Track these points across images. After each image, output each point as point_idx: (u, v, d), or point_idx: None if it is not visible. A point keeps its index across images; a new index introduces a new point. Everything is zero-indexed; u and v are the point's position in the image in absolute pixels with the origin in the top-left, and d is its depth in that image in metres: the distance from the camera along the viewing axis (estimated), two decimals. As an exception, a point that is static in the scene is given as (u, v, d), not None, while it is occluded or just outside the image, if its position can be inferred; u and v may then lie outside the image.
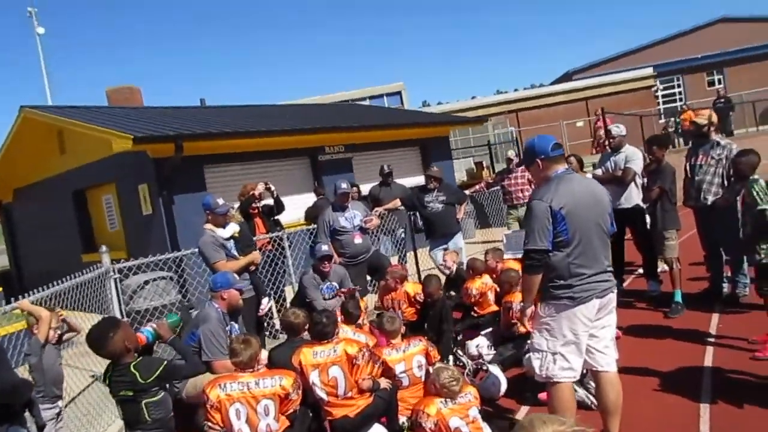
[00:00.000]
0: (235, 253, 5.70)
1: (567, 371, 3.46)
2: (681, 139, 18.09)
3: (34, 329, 4.14)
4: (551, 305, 3.46)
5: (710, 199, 6.05)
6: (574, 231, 3.35)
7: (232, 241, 5.70)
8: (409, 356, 4.39)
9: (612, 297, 3.56)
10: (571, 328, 3.41)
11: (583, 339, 3.46)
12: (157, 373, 3.20)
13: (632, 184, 6.82)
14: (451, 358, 5.39)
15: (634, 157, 6.86)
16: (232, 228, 5.72)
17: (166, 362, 3.30)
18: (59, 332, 4.28)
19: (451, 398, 3.65)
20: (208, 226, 5.66)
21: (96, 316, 5.55)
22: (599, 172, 7.20)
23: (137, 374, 3.15)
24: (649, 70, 28.49)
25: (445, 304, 5.57)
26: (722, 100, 18.76)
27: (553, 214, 3.33)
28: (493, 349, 5.38)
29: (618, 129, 7.18)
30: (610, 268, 3.58)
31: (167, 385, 4.35)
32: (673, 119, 6.69)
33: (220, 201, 5.64)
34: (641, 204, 6.78)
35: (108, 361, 3.42)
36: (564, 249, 3.37)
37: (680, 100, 32.43)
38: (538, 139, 3.66)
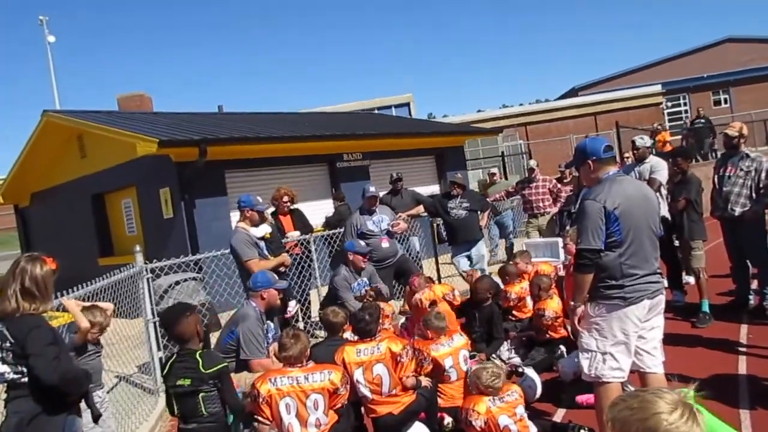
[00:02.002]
0: (267, 254, 5.75)
1: (616, 371, 3.47)
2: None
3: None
4: (602, 305, 3.48)
5: (738, 210, 6.08)
6: (627, 231, 3.38)
7: (263, 241, 5.75)
8: (455, 350, 4.45)
9: (662, 298, 3.59)
10: (621, 328, 3.44)
11: (633, 339, 3.49)
12: (218, 367, 3.20)
13: (657, 194, 6.87)
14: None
15: (658, 167, 6.92)
16: (264, 229, 5.79)
17: (227, 365, 3.31)
18: (98, 336, 4.27)
19: (496, 395, 3.69)
20: (242, 224, 5.72)
21: (126, 321, 5.62)
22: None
23: (201, 362, 3.16)
24: (658, 87, 28.67)
25: (495, 308, 5.59)
26: (702, 120, 18.72)
27: (607, 215, 3.35)
28: (513, 352, 5.41)
29: (642, 140, 7.25)
30: (660, 270, 3.61)
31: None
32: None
33: (260, 199, 5.70)
34: (666, 215, 6.83)
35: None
36: (616, 249, 3.40)
37: (686, 118, 32.65)
38: (590, 141, 3.71)
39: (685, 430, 1.43)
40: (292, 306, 6.26)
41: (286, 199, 7.16)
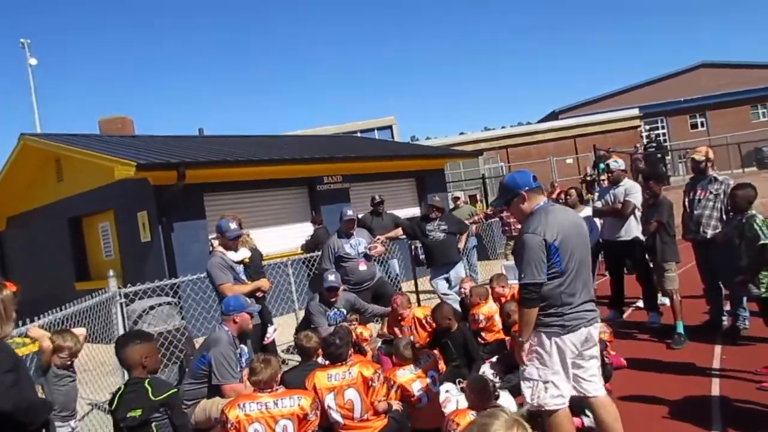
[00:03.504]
0: (244, 278, 5.71)
1: (557, 398, 3.49)
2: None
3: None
4: (542, 333, 3.50)
5: (709, 232, 6.18)
6: (566, 261, 3.42)
7: (241, 266, 5.71)
8: (422, 374, 4.46)
9: (597, 326, 3.65)
10: (560, 356, 3.47)
11: (570, 366, 3.52)
12: (168, 394, 3.14)
13: (632, 216, 6.98)
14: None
15: (633, 190, 7.03)
16: (243, 253, 5.75)
17: (176, 391, 3.24)
18: (68, 361, 4.19)
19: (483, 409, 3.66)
20: (220, 248, 5.69)
21: (101, 346, 5.53)
22: (599, 204, 7.35)
23: (149, 390, 3.10)
24: (635, 111, 29.23)
25: (467, 332, 5.57)
26: (653, 144, 18.99)
27: (548, 247, 3.38)
28: (498, 377, 5.39)
29: (617, 164, 7.38)
30: (594, 298, 3.65)
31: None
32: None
33: (233, 225, 5.66)
34: (640, 236, 6.92)
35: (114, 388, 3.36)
36: (557, 279, 3.43)
37: (665, 141, 33.25)
38: (518, 174, 3.73)
39: None
40: (270, 332, 6.21)
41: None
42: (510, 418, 1.83)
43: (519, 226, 9.32)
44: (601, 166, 17.24)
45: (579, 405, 3.91)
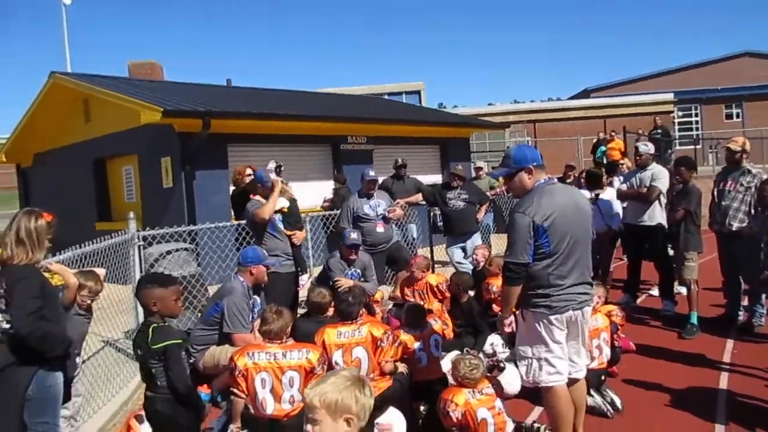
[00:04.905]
0: (281, 226, 5.79)
1: (554, 375, 3.52)
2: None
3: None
4: (528, 313, 3.53)
5: (735, 225, 6.05)
6: (556, 243, 3.39)
7: (279, 214, 5.78)
8: (426, 335, 4.49)
9: (588, 311, 3.63)
10: (550, 336, 3.48)
11: (565, 343, 3.53)
12: (163, 344, 3.10)
13: (656, 202, 6.85)
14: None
15: (660, 175, 6.89)
16: (281, 202, 5.79)
17: (177, 343, 3.17)
18: (88, 300, 4.27)
19: (474, 388, 3.70)
20: (257, 197, 5.75)
21: (117, 286, 5.63)
22: (624, 187, 7.23)
23: (149, 336, 3.12)
24: (670, 96, 28.45)
25: (474, 303, 5.59)
26: (659, 130, 18.39)
27: (536, 228, 3.36)
28: (507, 348, 5.40)
29: (646, 147, 7.20)
30: (590, 280, 3.63)
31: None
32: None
33: (272, 175, 5.71)
34: (663, 223, 6.81)
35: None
36: (545, 260, 3.42)
37: (697, 128, 32.47)
38: (526, 148, 3.72)
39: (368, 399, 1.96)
40: (305, 279, 6.26)
41: (249, 171, 7.16)
42: (351, 375, 1.98)
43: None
44: (601, 149, 16.86)
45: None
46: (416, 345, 4.45)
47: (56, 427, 3.36)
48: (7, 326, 3.10)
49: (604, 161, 15.78)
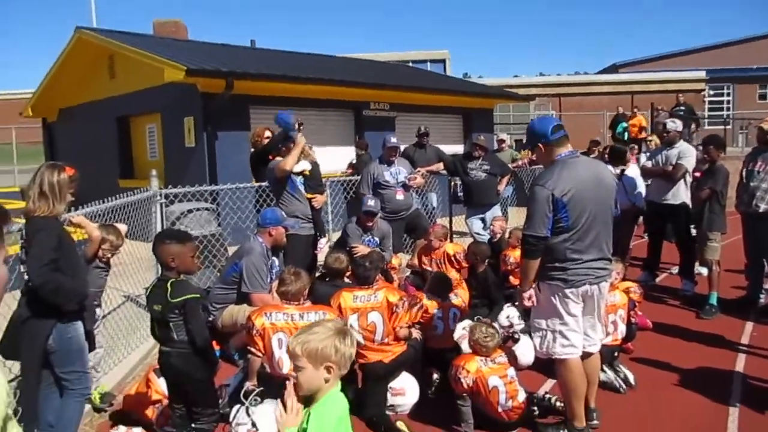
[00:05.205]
0: (302, 189, 5.78)
1: (568, 348, 3.53)
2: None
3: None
4: (545, 285, 3.52)
5: (762, 207, 5.92)
6: (575, 218, 3.36)
7: (300, 177, 5.77)
8: (447, 306, 4.53)
9: (605, 286, 3.61)
10: (565, 309, 3.48)
11: (580, 317, 3.53)
12: (184, 298, 3.13)
13: (681, 181, 6.73)
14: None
15: (687, 153, 6.75)
16: (303, 165, 5.78)
17: (195, 297, 3.20)
18: (109, 254, 4.33)
19: (487, 356, 3.71)
20: (277, 158, 5.78)
21: (139, 243, 5.70)
22: (649, 164, 7.10)
23: (169, 290, 3.15)
24: (702, 74, 27.70)
25: (490, 273, 5.60)
26: (682, 107, 17.83)
27: (554, 201, 3.33)
28: (523, 320, 5.41)
29: (674, 124, 7.05)
30: (609, 256, 3.59)
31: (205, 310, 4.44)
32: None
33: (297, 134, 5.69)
34: (687, 202, 6.70)
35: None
36: (563, 234, 3.39)
37: (728, 108, 31.66)
38: (538, 122, 3.65)
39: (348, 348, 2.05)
40: (323, 242, 6.29)
41: (267, 134, 7.11)
42: (334, 326, 2.07)
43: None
44: (622, 125, 16.47)
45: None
46: (436, 312, 4.49)
47: (86, 375, 3.46)
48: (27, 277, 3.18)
49: (625, 138, 15.45)
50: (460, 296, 4.86)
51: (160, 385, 3.84)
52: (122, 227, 4.54)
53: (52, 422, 3.37)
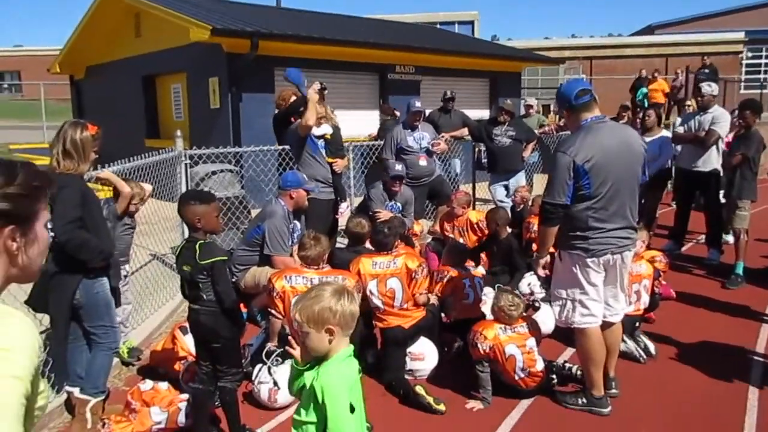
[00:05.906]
0: (323, 153, 5.74)
1: (587, 317, 3.51)
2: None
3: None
4: (566, 254, 3.48)
5: (796, 175, 5.77)
6: (597, 185, 3.29)
7: (322, 140, 5.72)
8: (471, 275, 4.58)
9: (629, 255, 3.55)
10: (585, 278, 3.44)
11: (601, 286, 3.49)
12: (211, 260, 3.17)
13: (713, 147, 6.56)
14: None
15: (721, 119, 6.56)
16: (325, 129, 5.73)
17: (222, 259, 3.24)
18: (134, 207, 4.40)
19: (509, 325, 3.72)
20: (299, 121, 5.73)
21: (165, 203, 5.78)
22: (681, 130, 6.92)
23: (197, 252, 3.19)
24: (740, 35, 26.64)
25: (513, 240, 5.56)
26: (706, 70, 16.93)
27: (576, 169, 3.26)
28: (544, 288, 5.39)
29: (710, 88, 6.82)
30: (634, 225, 3.52)
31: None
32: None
33: (310, 91, 5.60)
34: (719, 168, 6.54)
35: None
36: (585, 202, 3.33)
37: (766, 71, 30.54)
38: (566, 86, 3.55)
39: (347, 307, 2.02)
40: (344, 207, 6.29)
41: (293, 98, 7.03)
42: (331, 288, 2.06)
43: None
44: (642, 90, 15.86)
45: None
46: (466, 281, 4.52)
47: (114, 330, 3.56)
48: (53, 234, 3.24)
49: (645, 104, 14.82)
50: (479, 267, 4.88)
51: (186, 342, 3.95)
52: (148, 187, 4.61)
53: (81, 374, 3.49)
